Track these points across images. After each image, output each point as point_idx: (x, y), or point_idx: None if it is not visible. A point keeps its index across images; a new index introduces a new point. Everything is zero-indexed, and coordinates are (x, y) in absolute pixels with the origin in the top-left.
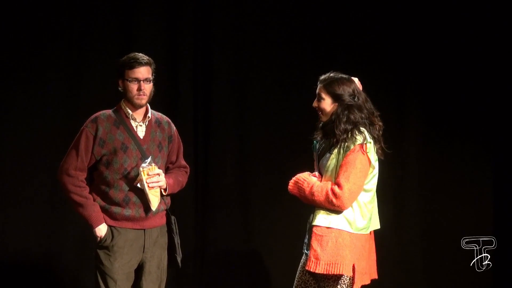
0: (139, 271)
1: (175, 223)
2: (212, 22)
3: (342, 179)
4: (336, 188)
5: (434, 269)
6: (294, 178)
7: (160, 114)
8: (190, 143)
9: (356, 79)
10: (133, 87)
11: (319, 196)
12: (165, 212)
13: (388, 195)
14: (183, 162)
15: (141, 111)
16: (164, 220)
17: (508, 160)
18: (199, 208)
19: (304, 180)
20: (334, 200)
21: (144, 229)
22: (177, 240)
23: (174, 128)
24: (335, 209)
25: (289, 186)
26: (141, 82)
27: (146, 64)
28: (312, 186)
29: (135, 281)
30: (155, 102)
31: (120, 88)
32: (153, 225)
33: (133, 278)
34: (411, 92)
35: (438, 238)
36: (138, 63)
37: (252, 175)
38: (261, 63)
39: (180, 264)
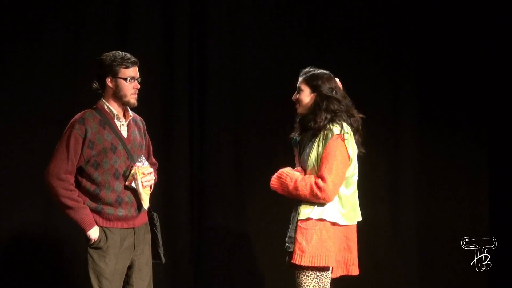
0: (130, 269)
1: (157, 219)
2: (207, 19)
3: (325, 172)
4: (319, 181)
5: (433, 269)
6: (277, 174)
7: (133, 112)
8: (185, 142)
9: (337, 80)
10: (130, 86)
11: (304, 191)
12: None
13: (385, 195)
14: (154, 160)
15: (123, 110)
16: (147, 217)
17: (507, 160)
18: (194, 206)
19: (287, 175)
20: (319, 193)
21: (134, 228)
22: (159, 235)
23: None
24: (320, 202)
25: (271, 182)
26: (136, 81)
27: (137, 63)
28: (295, 181)
29: (126, 279)
30: (151, 100)
31: (110, 86)
32: (140, 223)
33: (124, 276)
34: (407, 90)
35: (437, 238)
36: (133, 62)
37: (248, 174)
38: (257, 61)
39: (163, 259)
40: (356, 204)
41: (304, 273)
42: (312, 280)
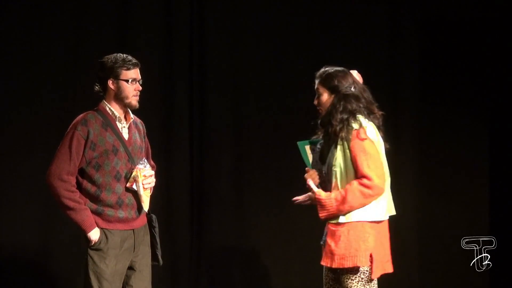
0: (130, 270)
1: (155, 221)
2: (207, 19)
3: (364, 170)
4: (364, 181)
5: (433, 269)
6: (317, 202)
7: (133, 114)
8: (185, 144)
9: (355, 72)
10: (132, 88)
11: (355, 199)
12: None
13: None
14: (152, 162)
15: (124, 112)
16: (145, 219)
17: (507, 160)
18: (194, 208)
19: (326, 199)
20: (370, 191)
21: (133, 229)
22: (158, 237)
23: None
24: (375, 199)
25: (320, 215)
26: (138, 83)
27: (138, 65)
28: (338, 199)
29: (126, 280)
30: (151, 102)
31: (111, 88)
32: (140, 224)
33: (123, 277)
34: (407, 89)
35: (437, 238)
36: (134, 64)
37: (248, 176)
38: (258, 61)
39: (161, 261)
40: (384, 199)
41: (348, 277)
42: (357, 283)
